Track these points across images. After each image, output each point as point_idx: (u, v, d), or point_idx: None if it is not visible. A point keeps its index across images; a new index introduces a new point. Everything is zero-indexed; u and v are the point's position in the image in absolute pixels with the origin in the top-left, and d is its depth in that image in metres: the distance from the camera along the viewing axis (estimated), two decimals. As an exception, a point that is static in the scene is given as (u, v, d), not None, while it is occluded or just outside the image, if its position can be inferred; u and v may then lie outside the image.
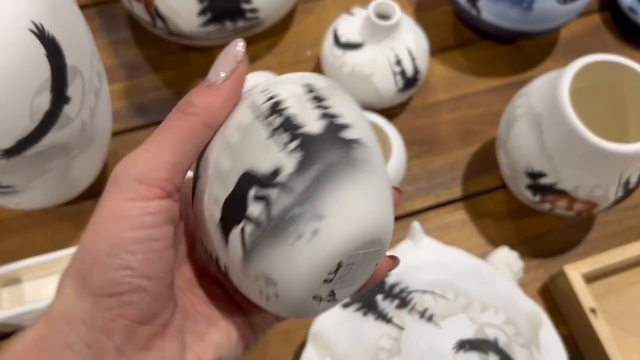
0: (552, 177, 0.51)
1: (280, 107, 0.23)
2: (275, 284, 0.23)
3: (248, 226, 0.23)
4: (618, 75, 0.52)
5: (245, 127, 0.23)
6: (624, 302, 0.58)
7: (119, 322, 0.22)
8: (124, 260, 0.22)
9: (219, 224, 0.24)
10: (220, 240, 0.24)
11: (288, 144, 0.23)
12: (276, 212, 0.22)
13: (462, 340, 0.44)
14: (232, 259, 0.24)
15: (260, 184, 0.22)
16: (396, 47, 0.59)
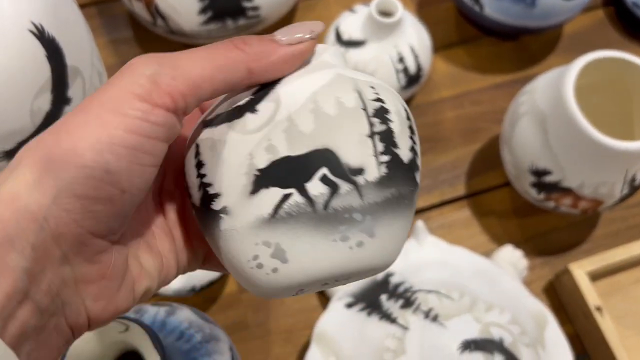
0: (557, 174, 0.51)
1: (386, 116, 0.23)
2: (283, 262, 0.22)
3: (297, 197, 0.22)
4: (623, 71, 0.52)
5: (347, 108, 0.23)
6: (630, 300, 0.57)
7: (72, 229, 0.20)
8: (105, 160, 0.20)
9: (256, 171, 0.22)
10: (241, 185, 0.22)
11: (380, 155, 0.23)
12: (338, 205, 0.22)
13: (467, 340, 0.44)
14: (247, 210, 0.22)
15: (337, 170, 0.22)
16: (399, 44, 0.59)
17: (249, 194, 0.22)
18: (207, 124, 0.24)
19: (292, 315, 0.55)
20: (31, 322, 0.19)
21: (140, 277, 0.23)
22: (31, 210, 0.19)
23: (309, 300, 0.56)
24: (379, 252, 0.23)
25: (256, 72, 0.22)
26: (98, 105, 0.20)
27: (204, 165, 0.24)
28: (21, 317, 0.19)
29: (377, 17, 0.57)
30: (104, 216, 0.20)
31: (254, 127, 0.23)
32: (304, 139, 0.22)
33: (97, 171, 0.20)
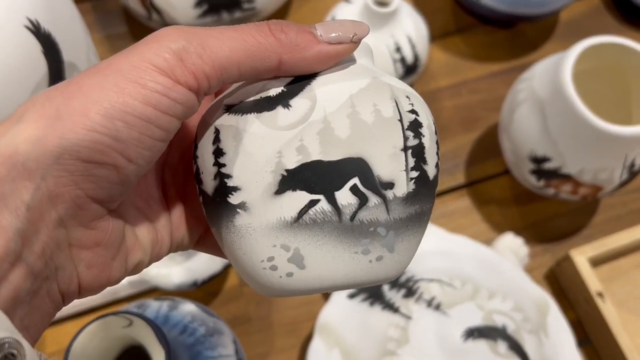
0: (557, 161, 0.51)
1: (420, 130, 0.23)
2: (300, 267, 0.22)
3: (325, 205, 0.21)
4: (620, 56, 0.52)
5: (384, 117, 0.22)
6: (631, 285, 0.57)
7: (71, 192, 0.19)
8: (116, 127, 0.19)
9: (284, 171, 0.21)
10: (266, 183, 0.21)
11: (411, 171, 0.22)
12: (365, 217, 0.22)
13: (470, 328, 0.44)
14: (268, 209, 0.22)
15: (369, 181, 0.22)
16: (395, 34, 0.59)
17: (273, 194, 0.21)
18: (230, 109, 0.23)
19: (295, 308, 0.55)
20: (24, 286, 0.18)
21: (134, 249, 0.23)
22: (29, 168, 0.18)
23: (311, 292, 0.56)
24: (395, 266, 0.23)
25: (288, 64, 0.21)
26: (117, 70, 0.19)
27: (225, 155, 0.22)
28: (14, 281, 0.18)
29: (374, 7, 0.56)
30: (106, 182, 0.20)
31: (287, 123, 0.22)
32: (339, 145, 0.21)
33: (105, 137, 0.19)
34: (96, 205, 0.20)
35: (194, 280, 0.49)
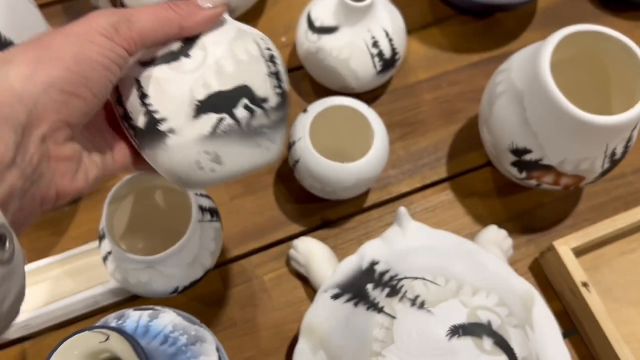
0: (537, 153, 0.50)
1: (274, 60, 0.34)
2: (220, 164, 0.32)
3: (229, 120, 0.31)
4: (598, 44, 0.51)
5: (252, 55, 0.32)
6: (616, 273, 0.57)
7: (53, 116, 0.26)
8: (84, 70, 0.27)
9: (197, 101, 0.31)
10: (185, 112, 0.31)
11: (276, 88, 0.33)
12: (255, 124, 0.32)
13: (455, 325, 0.43)
14: (191, 130, 0.31)
15: (253, 100, 0.32)
16: (372, 28, 0.58)
17: (192, 118, 0.31)
18: (145, 64, 0.31)
19: (280, 309, 0.55)
20: (17, 185, 0.25)
21: (91, 166, 0.31)
22: (24, 98, 0.25)
23: (296, 294, 0.55)
24: (277, 152, 0.35)
25: (186, 29, 0.31)
26: (73, 34, 0.27)
27: (148, 97, 0.31)
28: (10, 180, 0.24)
29: (349, 1, 0.55)
30: (77, 111, 0.27)
31: (191, 68, 0.31)
32: (229, 78, 0.31)
33: (78, 76, 0.26)
34: (67, 129, 0.27)
35: (175, 287, 0.48)
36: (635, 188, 0.61)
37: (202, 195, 0.50)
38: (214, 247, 0.49)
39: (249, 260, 0.56)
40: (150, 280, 0.47)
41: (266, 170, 0.61)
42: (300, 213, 0.59)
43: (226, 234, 0.57)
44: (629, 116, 0.46)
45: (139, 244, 0.56)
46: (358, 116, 0.55)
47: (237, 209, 0.59)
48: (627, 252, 0.58)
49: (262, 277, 0.56)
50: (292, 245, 0.55)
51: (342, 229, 0.59)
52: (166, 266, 0.47)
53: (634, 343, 0.54)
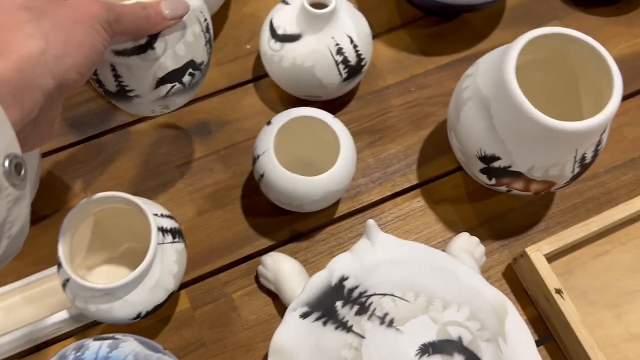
0: (506, 160, 0.49)
1: (209, 29, 0.48)
2: (167, 108, 0.49)
3: (179, 85, 0.46)
4: (564, 46, 0.50)
5: (197, 34, 0.45)
6: (590, 276, 0.57)
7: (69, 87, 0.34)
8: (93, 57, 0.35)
9: (158, 79, 0.44)
10: (149, 86, 0.45)
11: (209, 49, 0.48)
12: (194, 81, 0.48)
13: (424, 344, 0.42)
14: (151, 95, 0.46)
15: (194, 67, 0.46)
16: (336, 35, 0.56)
17: (153, 89, 0.45)
18: (119, 53, 0.42)
19: (250, 328, 0.53)
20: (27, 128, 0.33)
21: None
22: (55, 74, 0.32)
23: (267, 311, 0.54)
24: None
25: (154, 31, 0.41)
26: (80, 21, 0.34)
27: (121, 77, 0.44)
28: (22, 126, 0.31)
29: (310, 8, 0.54)
30: (73, 84, 0.34)
31: (155, 57, 0.43)
32: (181, 59, 0.45)
33: (90, 60, 0.35)
34: (62, 94, 0.34)
35: (137, 313, 0.46)
36: (608, 188, 0.61)
37: (163, 215, 0.49)
38: (177, 269, 0.48)
39: (217, 278, 0.55)
40: (111, 308, 0.45)
41: (233, 183, 0.59)
42: (269, 226, 0.57)
43: (192, 251, 0.56)
44: (597, 121, 0.45)
45: (103, 265, 0.54)
46: (324, 127, 0.53)
47: (204, 225, 0.57)
48: (600, 254, 0.58)
49: (230, 294, 0.54)
50: (261, 262, 0.54)
51: (313, 241, 0.57)
52: (127, 293, 0.45)
53: (610, 347, 0.54)
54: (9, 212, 0.28)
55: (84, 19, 0.34)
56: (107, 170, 0.59)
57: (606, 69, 0.47)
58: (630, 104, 0.66)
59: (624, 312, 0.55)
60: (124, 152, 0.60)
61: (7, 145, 0.27)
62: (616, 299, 0.56)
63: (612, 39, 0.69)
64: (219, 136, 0.61)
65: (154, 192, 0.58)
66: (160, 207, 0.50)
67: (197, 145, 0.61)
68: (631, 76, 0.67)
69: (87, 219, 0.50)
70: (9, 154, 0.27)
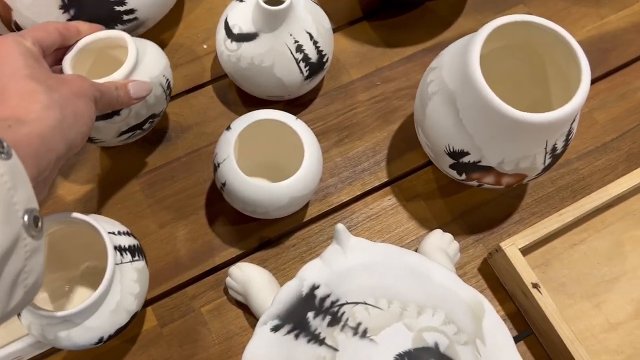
0: (475, 155, 0.48)
1: (169, 87, 0.53)
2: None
3: (139, 131, 0.53)
4: (530, 33, 0.49)
5: (157, 96, 0.52)
6: (568, 266, 0.56)
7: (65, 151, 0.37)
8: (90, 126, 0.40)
9: (123, 131, 0.51)
10: (113, 134, 0.51)
11: (167, 98, 0.54)
12: (154, 123, 0.53)
13: (400, 353, 0.40)
14: (114, 139, 0.52)
15: (154, 117, 0.53)
16: (294, 32, 0.54)
17: (117, 137, 0.52)
18: None
19: (221, 343, 0.51)
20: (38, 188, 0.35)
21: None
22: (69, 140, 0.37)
23: (238, 323, 0.52)
24: None
25: (121, 108, 0.48)
26: (78, 94, 0.39)
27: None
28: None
29: (265, 5, 0.51)
30: (78, 148, 0.39)
31: (119, 120, 0.50)
32: (143, 116, 0.52)
33: (89, 129, 0.40)
34: (67, 157, 0.38)
35: (99, 337, 0.44)
36: (581, 175, 0.60)
37: (121, 233, 0.46)
38: (139, 288, 0.45)
39: (184, 292, 0.53)
40: (69, 335, 0.43)
41: (196, 191, 0.57)
42: (236, 235, 0.55)
43: (157, 265, 0.53)
44: (565, 112, 0.44)
45: (65, 286, 0.51)
46: (286, 129, 0.51)
47: (167, 237, 0.55)
48: (577, 243, 0.56)
49: (199, 309, 0.52)
50: (228, 274, 0.52)
51: (282, 247, 0.55)
52: (85, 318, 0.43)
53: (590, 339, 0.53)
54: (26, 261, 0.29)
55: (81, 94, 0.39)
56: (62, 186, 0.56)
57: (573, 57, 0.46)
58: (599, 87, 0.65)
59: (603, 301, 0.54)
60: (79, 166, 0.57)
61: (27, 200, 0.29)
62: (594, 288, 0.55)
63: (579, 21, 0.68)
64: (179, 142, 0.59)
65: (112, 206, 0.56)
66: (118, 224, 0.47)
67: (156, 154, 0.58)
68: (599, 58, 0.66)
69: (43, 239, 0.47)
70: (28, 208, 0.29)
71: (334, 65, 0.63)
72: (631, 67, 0.66)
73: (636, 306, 0.54)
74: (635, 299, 0.54)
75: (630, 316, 0.54)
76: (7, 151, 0.29)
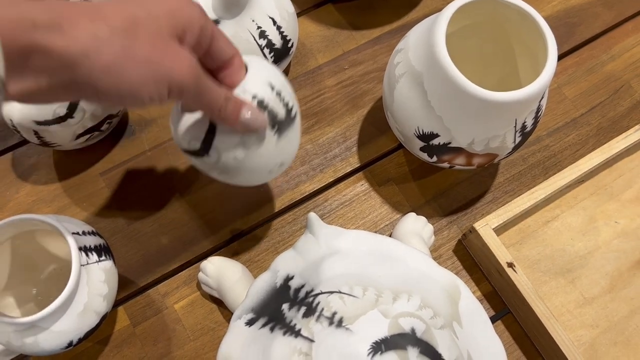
0: (445, 136, 0.47)
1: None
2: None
3: (97, 133, 0.50)
4: (496, 10, 0.48)
5: None
6: (542, 243, 0.56)
7: None
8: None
9: (79, 133, 0.49)
10: (69, 138, 0.49)
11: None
12: (113, 124, 0.44)
13: (376, 341, 0.40)
14: (71, 142, 0.50)
15: (112, 117, 0.46)
16: (256, 17, 0.52)
17: (73, 140, 0.50)
18: (40, 123, 0.46)
19: (196, 339, 0.50)
20: None
21: None
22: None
23: (212, 318, 0.51)
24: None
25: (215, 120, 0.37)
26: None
27: (43, 137, 0.49)
28: None
29: (224, -9, 0.50)
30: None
31: (74, 123, 0.48)
32: (99, 117, 0.47)
33: None
34: None
35: (68, 341, 0.43)
36: (552, 151, 0.60)
37: (86, 233, 0.45)
38: (107, 289, 0.44)
39: (156, 290, 0.52)
40: (37, 341, 0.42)
41: (164, 184, 0.55)
42: (208, 228, 0.54)
43: (127, 263, 0.52)
44: (533, 89, 0.43)
45: (32, 288, 0.50)
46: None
47: (136, 234, 0.53)
48: (550, 220, 0.56)
49: (172, 306, 0.51)
50: (200, 269, 0.51)
51: (255, 239, 0.54)
52: (53, 323, 0.41)
53: (566, 314, 0.53)
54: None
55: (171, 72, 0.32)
56: (23, 186, 0.54)
57: (539, 33, 0.45)
58: (567, 62, 0.64)
59: (577, 277, 0.54)
60: (40, 165, 0.55)
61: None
62: (569, 264, 0.55)
63: (544, -4, 0.67)
64: (144, 136, 0.57)
65: (78, 205, 0.54)
66: (82, 224, 0.46)
67: (120, 149, 0.56)
68: (566, 32, 0.65)
69: (4, 244, 0.46)
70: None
71: (300, 51, 0.62)
72: (597, 41, 0.66)
73: (610, 280, 0.54)
74: (609, 273, 0.55)
75: (604, 290, 0.54)
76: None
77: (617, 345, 0.52)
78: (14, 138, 0.56)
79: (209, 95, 0.34)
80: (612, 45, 0.65)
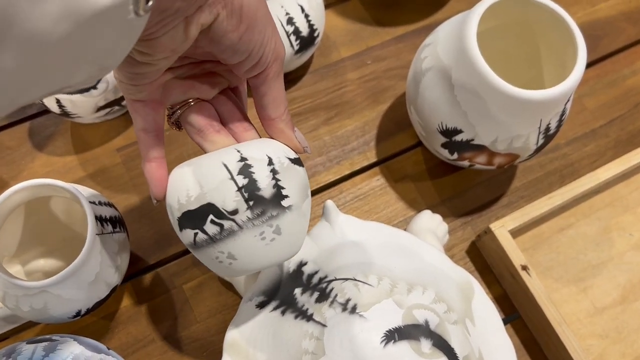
0: (468, 133, 0.47)
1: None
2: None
3: (118, 107, 0.51)
4: (526, 11, 0.48)
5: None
6: (556, 250, 0.55)
7: None
8: None
9: (100, 106, 0.50)
10: (90, 110, 0.49)
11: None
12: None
13: (390, 330, 0.39)
14: (92, 115, 0.50)
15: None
16: (286, 4, 0.53)
17: (94, 112, 0.50)
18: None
19: (203, 321, 0.50)
20: None
21: None
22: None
23: (220, 301, 0.51)
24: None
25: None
26: None
27: (65, 106, 0.49)
28: None
29: (257, -25, 0.50)
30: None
31: (97, 94, 0.48)
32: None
33: None
34: None
35: (77, 310, 0.42)
36: (570, 160, 0.59)
37: (102, 203, 0.44)
38: (120, 261, 0.44)
39: (166, 269, 0.51)
40: (45, 307, 0.41)
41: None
42: (221, 211, 0.54)
43: (138, 240, 0.51)
44: (562, 89, 0.43)
45: (42, 259, 0.49)
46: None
47: (149, 212, 0.53)
48: (565, 227, 0.56)
49: (181, 286, 0.51)
50: (212, 249, 0.50)
51: (268, 225, 0.54)
52: (63, 289, 0.41)
53: (576, 323, 0.52)
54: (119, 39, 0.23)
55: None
56: (38, 156, 0.54)
57: (569, 35, 0.45)
58: (589, 74, 0.64)
59: (589, 286, 0.54)
60: (57, 136, 0.55)
61: None
62: (581, 273, 0.54)
63: (570, 8, 0.68)
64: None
65: (92, 179, 0.54)
66: (98, 194, 0.45)
67: (140, 127, 0.56)
68: (589, 45, 0.65)
69: (17, 210, 0.45)
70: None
71: (324, 42, 0.61)
72: (620, 55, 0.66)
73: (622, 291, 0.54)
74: (621, 284, 0.54)
75: (615, 301, 0.54)
76: None
77: (626, 357, 0.52)
78: (33, 108, 0.56)
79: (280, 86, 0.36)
80: (634, 61, 0.65)
